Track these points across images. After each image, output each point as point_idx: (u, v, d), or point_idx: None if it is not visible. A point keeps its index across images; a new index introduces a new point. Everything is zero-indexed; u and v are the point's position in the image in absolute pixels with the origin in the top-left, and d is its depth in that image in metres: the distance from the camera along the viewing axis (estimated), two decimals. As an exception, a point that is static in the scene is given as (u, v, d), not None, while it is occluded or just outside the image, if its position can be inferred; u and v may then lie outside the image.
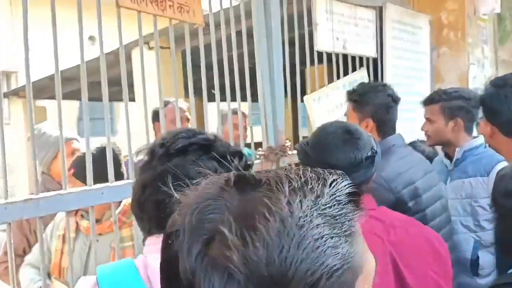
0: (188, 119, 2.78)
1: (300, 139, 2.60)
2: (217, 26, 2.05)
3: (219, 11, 2.09)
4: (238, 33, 2.17)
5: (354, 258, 0.48)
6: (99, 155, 1.68)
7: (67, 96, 6.79)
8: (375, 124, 2.01)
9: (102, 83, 1.57)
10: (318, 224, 0.46)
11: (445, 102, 2.30)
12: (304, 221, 0.45)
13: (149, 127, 1.81)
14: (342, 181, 0.51)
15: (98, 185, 1.55)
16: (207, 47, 2.00)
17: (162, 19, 1.88)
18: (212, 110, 2.05)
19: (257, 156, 2.17)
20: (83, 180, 1.58)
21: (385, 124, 2.04)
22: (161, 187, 0.95)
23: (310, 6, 2.53)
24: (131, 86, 5.27)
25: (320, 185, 0.49)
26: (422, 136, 2.47)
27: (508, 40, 5.03)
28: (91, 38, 8.84)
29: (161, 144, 1.00)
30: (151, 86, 1.87)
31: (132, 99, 4.71)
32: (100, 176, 1.57)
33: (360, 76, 2.87)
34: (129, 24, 1.71)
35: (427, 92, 3.14)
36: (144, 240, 1.03)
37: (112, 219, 1.67)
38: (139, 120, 2.19)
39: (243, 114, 2.49)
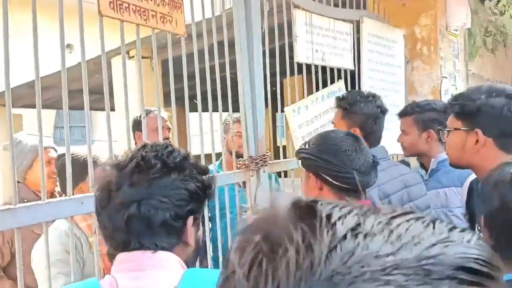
0: (169, 129, 2.75)
1: (280, 148, 2.61)
2: (199, 36, 2.04)
3: (201, 21, 2.08)
4: (220, 43, 2.16)
5: None
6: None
7: (44, 105, 6.64)
8: (362, 133, 2.00)
9: (84, 91, 1.54)
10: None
11: (419, 115, 2.34)
12: (340, 278, 0.33)
13: (130, 136, 1.78)
14: (462, 245, 0.35)
15: (78, 195, 1.51)
16: (189, 56, 1.99)
17: (143, 28, 1.86)
18: (193, 120, 2.03)
19: (238, 166, 2.16)
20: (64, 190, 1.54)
21: (371, 135, 2.05)
22: (163, 203, 0.94)
23: (291, 19, 2.55)
24: (110, 95, 5.20)
25: (401, 235, 0.35)
26: (398, 147, 2.50)
27: (477, 55, 5.17)
28: (69, 46, 8.72)
29: (156, 156, 0.98)
30: (131, 95, 1.84)
31: (111, 108, 4.64)
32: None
33: (338, 87, 2.89)
34: (109, 32, 1.68)
35: (402, 104, 3.19)
36: (111, 257, 0.98)
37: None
38: (118, 129, 2.15)
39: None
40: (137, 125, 2.70)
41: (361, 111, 2.03)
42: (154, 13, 1.75)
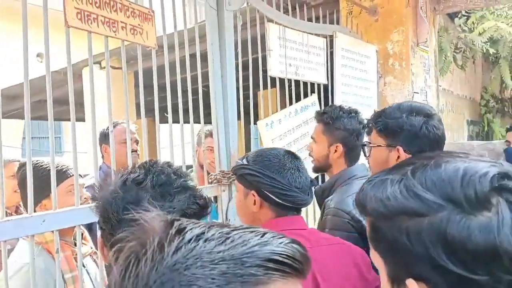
0: (137, 141, 2.71)
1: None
2: (171, 48, 2.03)
3: (172, 33, 2.06)
4: (192, 55, 2.15)
5: None
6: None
7: (13, 115, 6.49)
8: (344, 149, 2.00)
9: (48, 102, 1.50)
10: (194, 273, 0.48)
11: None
12: (180, 265, 0.48)
13: (97, 148, 1.74)
14: (274, 245, 0.51)
15: (39, 213, 1.45)
16: (160, 68, 1.97)
17: (115, 39, 1.84)
18: (164, 131, 2.00)
19: (210, 180, 2.13)
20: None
21: (353, 151, 2.04)
22: (183, 216, 0.95)
23: (264, 32, 2.56)
24: (81, 105, 5.11)
25: (234, 240, 0.51)
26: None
27: (448, 70, 5.31)
28: (39, 55, 8.57)
29: (174, 172, 1.00)
30: (103, 106, 1.81)
31: (81, 119, 4.56)
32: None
33: (312, 102, 2.91)
34: (82, 41, 1.65)
35: (374, 118, 3.22)
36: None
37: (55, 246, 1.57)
38: (88, 140, 2.10)
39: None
40: (103, 138, 2.65)
41: (344, 126, 2.02)
42: (124, 25, 1.72)
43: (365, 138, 2.41)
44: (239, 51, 2.34)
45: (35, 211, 1.47)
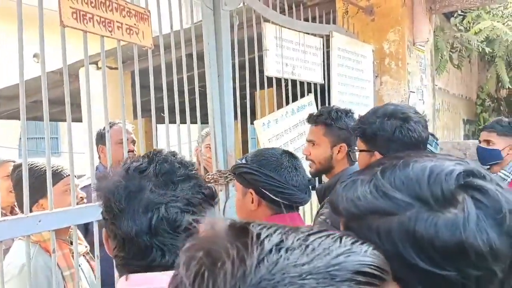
0: (133, 141, 2.71)
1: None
2: (167, 48, 2.03)
3: (169, 33, 2.06)
4: (189, 56, 2.15)
5: None
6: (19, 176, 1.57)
7: (10, 115, 6.47)
8: (347, 148, 1.99)
9: (43, 102, 1.49)
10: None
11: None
12: (266, 283, 0.43)
13: (93, 148, 1.74)
14: (360, 254, 0.47)
15: (35, 213, 1.45)
16: (157, 68, 1.97)
17: (111, 39, 1.84)
18: (161, 132, 2.00)
19: (207, 180, 2.13)
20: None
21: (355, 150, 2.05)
22: (188, 205, 0.92)
23: (260, 32, 2.56)
24: (78, 106, 5.10)
25: (315, 249, 0.46)
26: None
27: (445, 69, 5.32)
28: (36, 55, 8.55)
29: (178, 161, 0.97)
30: (99, 107, 1.80)
31: (79, 119, 4.55)
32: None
33: (308, 101, 2.91)
34: (78, 41, 1.65)
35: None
36: (122, 269, 0.93)
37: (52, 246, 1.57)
38: (85, 141, 2.11)
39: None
40: (100, 138, 2.65)
41: (346, 125, 1.99)
42: (120, 25, 1.72)
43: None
44: (235, 51, 2.34)
45: (31, 211, 1.47)
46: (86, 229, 2.05)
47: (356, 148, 1.74)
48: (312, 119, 2.10)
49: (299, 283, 0.42)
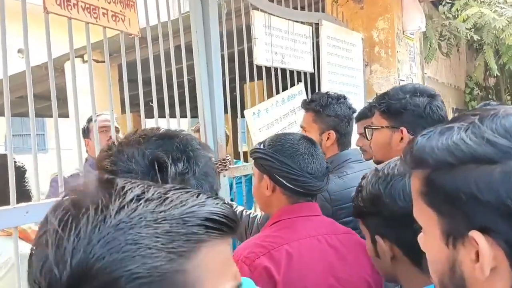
0: (116, 129, 2.67)
1: (241, 154, 2.58)
2: (155, 39, 1.99)
3: (156, 24, 2.03)
4: (177, 48, 2.12)
5: (175, 276, 0.50)
6: None
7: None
8: (336, 136, 2.00)
9: (28, 97, 1.46)
10: (139, 232, 0.49)
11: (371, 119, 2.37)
12: (124, 224, 0.49)
13: (81, 142, 1.71)
14: (211, 205, 0.54)
15: (22, 204, 1.43)
16: (144, 61, 1.94)
17: (97, 32, 1.80)
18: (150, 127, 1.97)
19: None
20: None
21: (345, 137, 2.05)
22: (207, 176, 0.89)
23: (249, 22, 2.54)
24: (64, 101, 5.03)
25: (173, 200, 0.53)
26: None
27: (434, 58, 5.33)
28: (21, 51, 8.43)
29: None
30: (86, 101, 1.77)
31: (65, 115, 4.49)
32: None
33: (298, 90, 2.90)
34: (63, 35, 1.61)
35: (361, 107, 3.24)
36: None
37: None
38: (72, 137, 2.08)
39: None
40: (84, 133, 2.63)
41: (335, 113, 2.00)
42: (105, 11, 1.68)
43: (354, 125, 2.42)
44: (224, 42, 2.32)
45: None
46: None
47: (374, 125, 1.69)
48: (303, 105, 2.11)
49: (154, 226, 0.50)
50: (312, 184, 1.42)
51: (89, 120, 2.60)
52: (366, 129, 1.75)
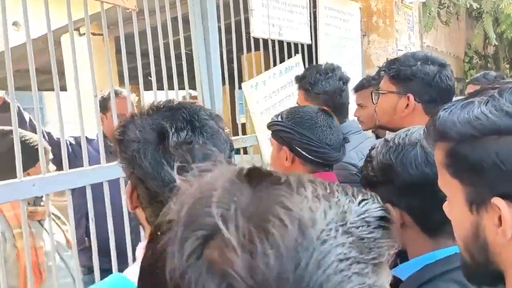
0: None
1: (239, 126, 2.60)
2: (152, 11, 1.99)
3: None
4: (174, 19, 2.12)
5: None
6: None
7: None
8: (330, 110, 1.98)
9: (30, 70, 1.48)
10: (344, 243, 0.37)
11: (375, 87, 2.38)
12: (327, 235, 0.37)
13: (82, 116, 1.73)
14: (373, 202, 0.42)
15: (30, 177, 1.47)
16: (142, 33, 1.94)
17: (93, 4, 1.79)
18: (149, 99, 1.99)
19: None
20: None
21: (340, 109, 2.06)
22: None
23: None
24: (61, 74, 5.01)
25: (348, 200, 0.41)
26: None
27: (433, 26, 5.30)
28: (15, 23, 8.33)
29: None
30: (84, 74, 1.78)
31: (63, 88, 4.48)
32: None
33: (296, 62, 2.90)
34: (58, 8, 1.61)
35: (359, 78, 3.25)
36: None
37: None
38: (72, 110, 2.09)
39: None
40: (102, 105, 2.59)
41: (323, 89, 2.02)
42: None
43: (351, 95, 2.43)
44: (221, 14, 2.31)
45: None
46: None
47: (381, 89, 1.69)
48: (296, 81, 2.14)
49: (350, 232, 0.39)
50: (330, 155, 1.49)
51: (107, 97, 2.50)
52: (373, 93, 1.76)
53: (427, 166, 0.98)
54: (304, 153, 1.47)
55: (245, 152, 2.96)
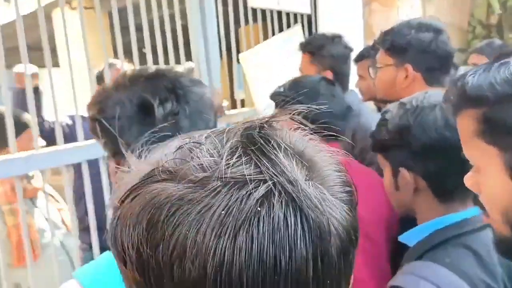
0: None
1: (237, 100, 2.59)
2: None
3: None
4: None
5: None
6: None
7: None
8: (333, 76, 2.01)
9: (20, 48, 1.46)
10: None
11: (372, 60, 2.36)
12: None
13: (76, 93, 1.71)
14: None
15: (23, 153, 1.47)
16: (136, 8, 1.91)
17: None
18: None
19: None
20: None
21: (343, 76, 2.06)
22: None
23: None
24: (53, 50, 4.96)
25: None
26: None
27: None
28: (5, -1, 8.20)
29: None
30: (77, 50, 1.76)
31: (55, 64, 4.44)
32: None
33: (295, 32, 2.86)
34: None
35: (360, 49, 3.21)
36: None
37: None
38: (63, 87, 2.08)
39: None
40: (99, 80, 2.58)
41: (330, 53, 2.03)
42: None
43: (353, 66, 2.42)
44: None
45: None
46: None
47: (378, 64, 1.67)
48: (300, 47, 2.13)
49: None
50: (333, 124, 1.42)
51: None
52: (370, 68, 1.74)
53: (447, 129, 0.96)
54: (306, 122, 1.45)
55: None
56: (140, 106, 0.81)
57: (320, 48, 2.03)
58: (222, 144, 0.39)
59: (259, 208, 0.35)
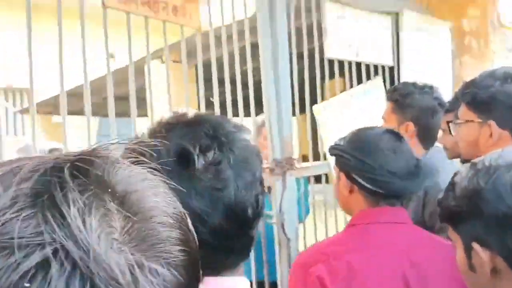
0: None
1: (321, 154, 2.59)
2: (229, 38, 2.09)
3: (231, 24, 2.14)
4: (254, 45, 2.18)
5: None
6: None
7: (83, 111, 6.88)
8: (416, 129, 1.95)
9: (109, 99, 1.68)
10: None
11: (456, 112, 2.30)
12: None
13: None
14: None
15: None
16: (219, 61, 2.03)
17: (174, 32, 1.93)
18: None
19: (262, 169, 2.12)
20: None
21: (427, 131, 1.98)
22: None
23: (320, 17, 2.55)
24: (143, 100, 5.38)
25: None
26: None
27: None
28: (112, 55, 9.07)
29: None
30: (163, 102, 1.93)
31: (146, 114, 4.82)
32: None
33: (375, 85, 2.87)
34: (141, 38, 1.78)
35: (448, 104, 3.16)
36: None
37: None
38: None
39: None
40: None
41: (416, 103, 1.95)
42: (165, 5, 1.74)
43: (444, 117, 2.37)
44: (292, 40, 2.32)
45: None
46: None
47: (458, 120, 1.58)
48: (386, 94, 2.12)
49: None
50: (393, 184, 1.32)
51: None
52: (450, 124, 1.66)
53: None
54: (360, 180, 1.33)
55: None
56: (178, 156, 0.74)
57: (405, 97, 1.97)
58: (4, 188, 0.32)
59: (27, 285, 0.28)
